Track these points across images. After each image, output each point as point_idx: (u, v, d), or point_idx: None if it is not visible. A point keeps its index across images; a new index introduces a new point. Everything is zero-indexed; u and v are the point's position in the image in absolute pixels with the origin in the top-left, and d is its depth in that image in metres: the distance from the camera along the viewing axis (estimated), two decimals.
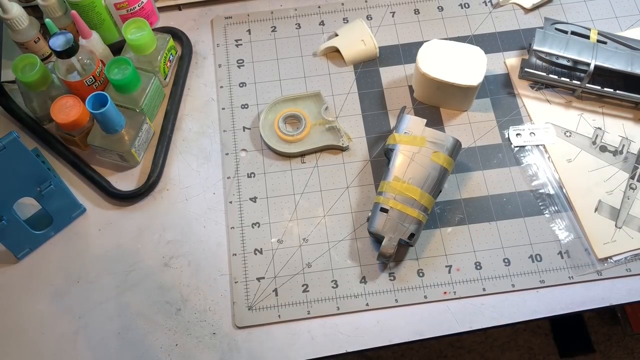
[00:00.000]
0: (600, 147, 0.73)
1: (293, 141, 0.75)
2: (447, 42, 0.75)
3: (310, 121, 0.76)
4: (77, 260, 0.71)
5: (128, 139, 0.72)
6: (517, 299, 0.67)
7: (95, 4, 0.77)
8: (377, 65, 0.81)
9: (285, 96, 0.78)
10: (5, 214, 0.66)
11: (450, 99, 0.75)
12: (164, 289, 0.69)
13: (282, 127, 0.75)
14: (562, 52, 0.74)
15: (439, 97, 0.76)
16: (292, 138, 0.75)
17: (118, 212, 0.73)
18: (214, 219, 0.72)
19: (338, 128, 0.75)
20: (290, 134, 0.75)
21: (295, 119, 0.77)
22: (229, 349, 0.66)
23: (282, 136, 0.75)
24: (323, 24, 0.84)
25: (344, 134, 0.75)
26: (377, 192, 0.69)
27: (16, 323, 0.68)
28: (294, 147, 0.75)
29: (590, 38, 0.76)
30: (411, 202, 0.66)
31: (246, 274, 0.69)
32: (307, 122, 0.75)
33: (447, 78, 0.72)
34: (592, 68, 0.72)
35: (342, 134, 0.75)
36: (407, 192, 0.66)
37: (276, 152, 0.75)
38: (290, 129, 0.76)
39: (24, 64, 0.72)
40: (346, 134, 0.75)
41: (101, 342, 0.67)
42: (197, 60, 0.83)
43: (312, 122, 0.76)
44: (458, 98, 0.75)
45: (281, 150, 0.75)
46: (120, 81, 0.72)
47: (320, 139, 0.75)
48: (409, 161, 0.68)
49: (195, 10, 0.86)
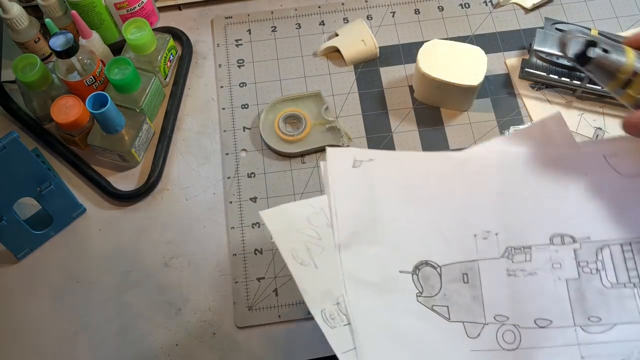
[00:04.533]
0: None
1: (293, 141, 0.75)
2: (447, 42, 0.75)
3: (310, 121, 0.76)
4: (77, 260, 0.71)
5: (128, 139, 0.72)
6: None
7: (96, 4, 0.77)
8: (378, 65, 0.81)
9: (285, 96, 0.78)
10: (5, 214, 0.66)
11: (450, 98, 0.75)
12: (164, 289, 0.69)
13: (283, 127, 0.75)
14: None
15: (439, 97, 0.76)
16: (292, 138, 0.75)
17: (118, 212, 0.73)
18: (214, 219, 0.72)
19: (338, 128, 0.75)
20: (290, 134, 0.75)
21: (295, 119, 0.76)
22: (229, 349, 0.66)
23: (282, 136, 0.75)
24: (323, 23, 0.84)
25: (344, 134, 0.75)
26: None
27: (16, 323, 0.68)
28: (294, 147, 0.75)
29: None
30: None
31: (246, 274, 0.69)
32: (307, 122, 0.75)
33: (448, 78, 0.72)
34: None
35: (342, 133, 0.75)
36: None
37: (276, 152, 0.75)
38: (290, 129, 0.76)
39: (24, 64, 0.72)
40: (346, 134, 0.75)
41: (101, 342, 0.67)
42: (197, 60, 0.83)
43: (312, 122, 0.76)
44: (458, 98, 0.75)
45: (281, 150, 0.75)
46: (121, 81, 0.72)
47: (320, 139, 0.75)
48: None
49: (195, 10, 0.86)
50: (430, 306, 0.57)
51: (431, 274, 0.58)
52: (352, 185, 0.61)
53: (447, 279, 0.58)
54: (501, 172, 0.61)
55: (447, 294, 0.58)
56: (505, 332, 0.56)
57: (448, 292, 0.58)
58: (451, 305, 0.58)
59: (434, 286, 0.58)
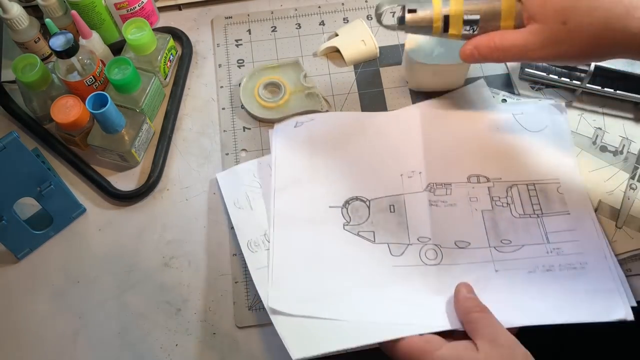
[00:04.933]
0: (601, 147, 0.73)
1: (273, 107, 0.77)
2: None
3: (289, 88, 0.78)
4: (77, 260, 0.71)
5: (128, 139, 0.72)
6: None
7: (96, 3, 0.77)
8: (378, 65, 0.81)
9: (264, 65, 0.80)
10: (5, 214, 0.66)
11: (446, 79, 0.76)
12: (164, 289, 0.69)
13: (263, 94, 0.77)
14: None
15: (435, 81, 0.77)
16: (272, 104, 0.77)
17: (118, 212, 0.73)
18: (214, 219, 0.72)
19: (317, 94, 0.77)
20: (270, 101, 0.77)
21: (275, 87, 0.78)
22: (229, 349, 0.66)
23: (262, 103, 0.77)
24: (323, 24, 0.84)
25: (323, 99, 0.77)
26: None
27: (16, 323, 0.68)
28: (274, 113, 0.76)
29: None
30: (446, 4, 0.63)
31: (246, 274, 0.69)
32: (286, 89, 0.77)
33: (442, 61, 0.72)
34: (592, 68, 0.72)
35: (320, 99, 0.77)
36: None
37: (258, 119, 0.77)
38: (270, 95, 0.78)
39: (24, 64, 0.72)
40: (325, 100, 0.77)
41: (101, 342, 0.67)
42: (197, 60, 0.83)
43: (291, 89, 0.78)
44: (453, 76, 0.76)
45: (262, 117, 0.76)
46: (121, 81, 0.72)
47: (299, 105, 0.77)
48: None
49: (195, 10, 0.86)
50: (357, 232, 0.68)
51: (360, 207, 0.69)
52: (292, 140, 0.73)
53: (375, 209, 0.69)
54: (425, 125, 0.74)
55: (374, 221, 0.68)
56: (427, 250, 0.66)
57: (375, 220, 0.68)
58: (377, 230, 0.67)
59: (362, 216, 0.68)
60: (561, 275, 0.64)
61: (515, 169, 0.70)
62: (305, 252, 0.67)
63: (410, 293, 0.63)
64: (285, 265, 0.66)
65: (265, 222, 0.69)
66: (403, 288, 0.64)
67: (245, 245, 0.68)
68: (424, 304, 0.62)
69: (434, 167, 0.70)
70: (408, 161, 0.71)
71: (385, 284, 0.64)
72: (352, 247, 0.67)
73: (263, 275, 0.65)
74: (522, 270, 0.64)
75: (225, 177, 0.73)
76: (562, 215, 0.68)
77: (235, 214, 0.70)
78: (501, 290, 0.63)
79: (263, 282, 0.65)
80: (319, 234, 0.68)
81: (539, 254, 0.66)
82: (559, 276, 0.64)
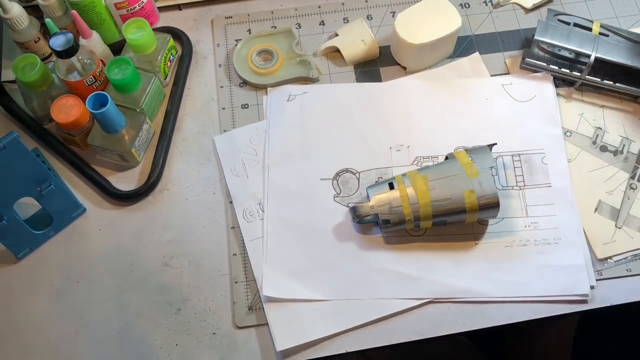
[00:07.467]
0: (601, 147, 0.73)
1: (265, 74, 0.79)
2: (409, 8, 0.76)
3: (282, 55, 0.79)
4: (77, 260, 0.71)
5: (128, 139, 0.72)
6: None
7: (96, 3, 0.77)
8: (378, 65, 0.81)
9: (257, 33, 0.81)
10: (5, 214, 0.66)
11: (438, 53, 0.78)
12: (164, 289, 0.69)
13: (255, 60, 0.79)
14: (563, 43, 0.74)
15: (430, 58, 0.78)
16: (264, 71, 0.79)
17: (118, 212, 0.73)
18: (214, 219, 0.72)
19: (308, 61, 0.79)
20: (262, 67, 0.78)
21: (267, 54, 0.80)
22: (229, 349, 0.66)
23: (255, 69, 0.79)
24: (323, 23, 0.84)
25: (315, 67, 0.79)
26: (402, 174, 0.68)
27: (16, 323, 0.68)
28: (267, 80, 0.78)
29: (593, 30, 0.76)
30: (415, 200, 0.65)
31: (246, 274, 0.69)
32: (278, 56, 0.79)
33: (436, 35, 0.74)
34: (592, 60, 0.73)
35: (312, 66, 0.79)
36: (420, 192, 0.65)
37: (250, 85, 0.79)
38: (262, 62, 0.80)
39: (24, 63, 0.72)
40: (316, 67, 0.79)
41: (101, 342, 0.67)
42: (197, 60, 0.83)
43: (283, 56, 0.80)
44: (445, 47, 0.78)
45: (255, 83, 0.78)
46: (121, 81, 0.72)
47: (291, 72, 0.79)
48: (447, 176, 0.66)
49: (195, 10, 0.86)
50: (346, 203, 0.71)
51: (350, 179, 0.72)
52: (286, 114, 0.76)
53: (365, 181, 0.72)
54: (417, 96, 0.76)
55: (363, 193, 0.71)
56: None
57: (364, 191, 0.70)
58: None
59: (352, 188, 0.71)
60: (535, 251, 0.67)
61: (502, 140, 0.72)
62: (297, 227, 0.70)
63: (395, 265, 0.67)
64: (278, 240, 0.69)
65: (260, 192, 0.72)
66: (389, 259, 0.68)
67: (241, 214, 0.71)
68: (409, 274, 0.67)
69: (422, 140, 0.73)
70: (398, 134, 0.74)
71: (371, 255, 0.68)
72: (342, 217, 0.70)
73: (257, 247, 0.69)
74: (499, 245, 0.68)
75: (222, 139, 0.76)
76: (544, 188, 0.70)
77: (231, 181, 0.73)
78: (479, 264, 0.67)
79: (257, 255, 0.68)
80: (310, 206, 0.71)
81: (517, 227, 0.69)
82: (532, 251, 0.67)
